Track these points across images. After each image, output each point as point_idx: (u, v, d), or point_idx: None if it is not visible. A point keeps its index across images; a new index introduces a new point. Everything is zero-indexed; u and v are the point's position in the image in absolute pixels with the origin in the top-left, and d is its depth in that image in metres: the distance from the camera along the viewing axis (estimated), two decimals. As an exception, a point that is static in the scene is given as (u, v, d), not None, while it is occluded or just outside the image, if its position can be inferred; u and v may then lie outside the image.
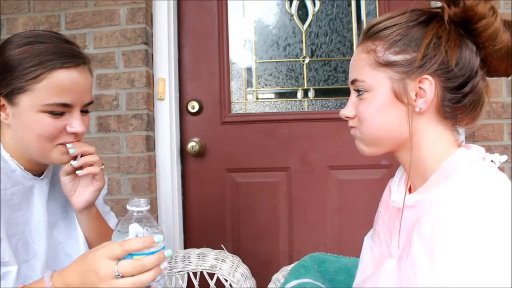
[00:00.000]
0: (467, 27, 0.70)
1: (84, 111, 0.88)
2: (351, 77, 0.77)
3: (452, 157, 0.70)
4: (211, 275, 1.22)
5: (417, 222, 0.67)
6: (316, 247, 1.69)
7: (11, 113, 0.83)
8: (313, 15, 1.78)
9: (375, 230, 0.87)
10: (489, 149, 1.55)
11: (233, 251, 1.48)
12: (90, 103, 0.90)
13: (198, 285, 1.23)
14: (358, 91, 0.75)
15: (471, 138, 1.58)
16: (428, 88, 0.69)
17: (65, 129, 0.85)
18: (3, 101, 0.83)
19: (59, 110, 0.83)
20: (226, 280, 1.19)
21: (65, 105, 0.83)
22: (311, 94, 1.78)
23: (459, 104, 0.70)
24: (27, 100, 0.81)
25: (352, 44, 1.77)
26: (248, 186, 1.76)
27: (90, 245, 0.96)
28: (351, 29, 1.77)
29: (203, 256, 1.24)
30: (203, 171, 1.78)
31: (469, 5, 0.68)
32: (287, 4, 1.80)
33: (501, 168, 1.69)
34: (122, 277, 0.65)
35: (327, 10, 1.78)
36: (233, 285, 1.17)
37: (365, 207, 1.71)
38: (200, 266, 1.23)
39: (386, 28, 0.72)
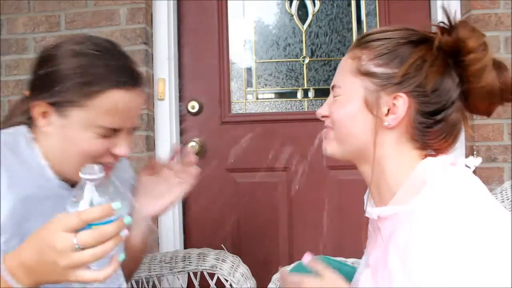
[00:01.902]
0: (456, 57, 0.70)
1: (131, 131, 0.84)
2: (333, 81, 0.78)
3: (419, 168, 0.69)
4: (211, 275, 1.22)
5: (389, 235, 0.67)
6: (316, 247, 1.69)
7: (56, 123, 0.78)
8: (313, 15, 1.78)
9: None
10: (489, 149, 1.56)
11: (233, 251, 1.48)
12: (138, 124, 0.86)
13: (198, 285, 1.23)
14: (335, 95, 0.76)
15: (471, 138, 1.58)
16: (401, 105, 0.69)
17: (110, 150, 0.81)
18: (49, 109, 0.78)
19: (110, 133, 0.79)
20: (227, 280, 1.19)
21: (116, 129, 0.79)
22: (311, 94, 1.78)
23: (429, 129, 0.70)
24: (80, 116, 0.76)
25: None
26: (248, 186, 1.76)
27: None
28: (351, 29, 1.77)
29: (203, 256, 1.24)
30: (203, 171, 1.77)
31: (461, 37, 0.68)
32: (287, 4, 1.80)
33: (501, 169, 1.69)
34: (82, 249, 0.61)
35: (327, 10, 1.78)
36: (233, 285, 1.17)
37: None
38: (200, 266, 1.23)
39: (377, 40, 0.73)
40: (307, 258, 0.80)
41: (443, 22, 0.72)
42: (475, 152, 1.56)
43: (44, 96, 0.77)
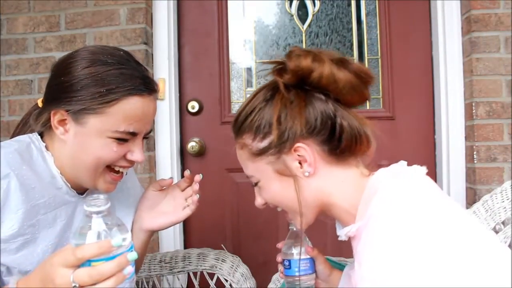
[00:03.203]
0: (304, 85, 0.72)
1: (145, 137, 0.87)
2: (245, 172, 0.81)
3: (371, 181, 0.72)
4: (211, 275, 1.22)
5: (356, 249, 0.69)
6: (316, 247, 1.68)
7: (72, 130, 0.80)
8: (313, 15, 1.78)
9: None
10: (489, 149, 1.56)
11: (233, 251, 1.48)
12: (151, 130, 0.88)
13: (198, 285, 1.23)
14: (254, 184, 0.79)
15: (471, 138, 1.58)
16: (304, 153, 0.71)
17: (125, 155, 0.83)
18: (67, 117, 0.80)
19: (126, 138, 0.81)
20: (226, 280, 1.19)
21: (132, 133, 0.81)
22: (311, 94, 1.78)
23: (340, 148, 0.72)
24: (97, 123, 0.78)
25: (352, 44, 1.77)
26: (248, 186, 1.74)
27: None
28: (351, 29, 1.77)
29: (203, 256, 1.24)
30: (203, 171, 1.77)
31: (294, 67, 0.71)
32: (287, 4, 1.80)
33: (501, 169, 1.69)
34: (80, 287, 0.59)
35: (327, 10, 1.78)
36: (233, 285, 1.17)
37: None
38: (200, 266, 1.23)
39: (246, 118, 0.76)
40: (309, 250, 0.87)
41: (274, 67, 0.74)
42: (475, 152, 1.56)
43: (62, 105, 0.79)
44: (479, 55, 1.55)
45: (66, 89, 0.79)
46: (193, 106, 1.76)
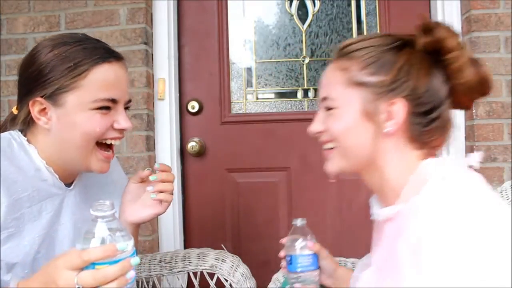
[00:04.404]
0: (437, 57, 0.72)
1: (126, 108, 0.88)
2: (322, 93, 0.78)
3: (420, 168, 0.71)
4: (211, 275, 1.22)
5: (395, 233, 0.68)
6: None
7: (54, 115, 0.81)
8: (313, 15, 1.79)
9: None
10: (489, 149, 1.56)
11: (233, 251, 1.48)
12: (130, 100, 0.90)
13: (198, 285, 1.23)
14: (328, 108, 0.76)
15: (471, 138, 1.58)
16: (398, 110, 0.71)
17: (112, 126, 0.84)
18: (45, 104, 0.81)
19: (107, 105, 0.82)
20: (226, 280, 1.19)
21: (113, 100, 0.83)
22: (311, 94, 1.78)
23: (426, 128, 0.72)
24: (75, 99, 0.80)
25: (352, 44, 1.77)
26: (248, 186, 1.76)
27: None
28: (351, 29, 1.77)
29: (203, 256, 1.24)
30: (203, 171, 1.78)
31: (439, 37, 0.71)
32: (287, 4, 1.80)
33: (501, 168, 1.69)
34: None
35: (327, 10, 1.78)
36: (233, 285, 1.17)
37: (365, 207, 1.70)
38: (200, 266, 1.23)
39: (361, 49, 0.74)
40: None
41: (420, 24, 0.74)
42: (475, 152, 1.56)
43: (37, 92, 0.81)
44: (479, 55, 1.54)
45: (36, 77, 0.81)
46: (193, 106, 1.76)
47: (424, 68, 0.72)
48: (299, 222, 0.91)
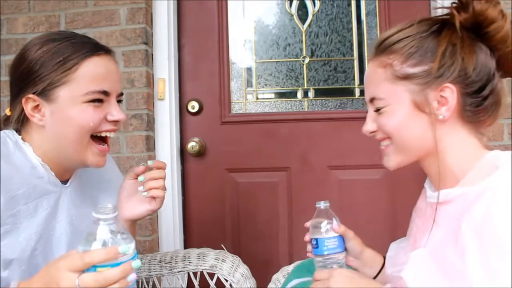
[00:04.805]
0: (478, 31, 0.71)
1: (118, 101, 0.89)
2: (369, 94, 0.77)
3: (489, 156, 0.70)
4: (211, 275, 1.22)
5: (458, 214, 0.67)
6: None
7: (48, 111, 0.82)
8: (313, 15, 1.78)
9: (408, 235, 0.87)
10: (489, 149, 1.56)
11: (233, 251, 1.48)
12: (122, 93, 0.90)
13: (198, 285, 1.23)
14: (377, 108, 0.75)
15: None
16: (450, 95, 0.70)
17: (105, 118, 0.85)
18: (38, 100, 0.82)
19: (99, 98, 0.83)
20: (226, 280, 1.19)
21: (105, 92, 0.83)
22: (311, 94, 1.78)
23: (480, 107, 0.71)
24: (67, 93, 0.81)
25: (352, 44, 1.77)
26: (248, 186, 1.76)
27: None
28: (351, 29, 1.77)
29: (203, 256, 1.24)
30: (203, 171, 1.78)
31: (479, 10, 0.69)
32: (287, 4, 1.80)
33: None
34: None
35: (327, 10, 1.78)
36: (233, 285, 1.17)
37: (365, 207, 1.71)
38: (200, 266, 1.23)
39: (399, 41, 0.73)
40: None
41: (456, 2, 0.72)
42: None
43: (29, 89, 0.82)
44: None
45: (27, 74, 0.82)
46: (193, 106, 1.76)
47: (468, 46, 0.70)
48: (322, 204, 0.90)
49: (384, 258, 0.90)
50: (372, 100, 0.77)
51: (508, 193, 0.61)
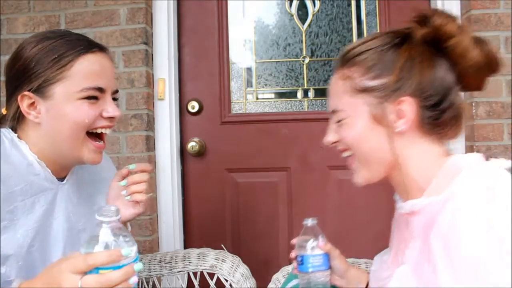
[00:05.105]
0: (438, 46, 0.71)
1: (113, 99, 0.89)
2: (330, 106, 0.79)
3: (450, 162, 0.71)
4: (211, 275, 1.22)
5: (428, 226, 0.67)
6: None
7: (43, 108, 0.83)
8: (313, 15, 1.78)
9: (390, 247, 0.88)
10: (489, 149, 1.56)
11: (233, 251, 1.48)
12: (117, 90, 0.91)
13: (198, 285, 1.23)
14: (338, 120, 0.77)
15: (471, 138, 1.58)
16: (407, 108, 0.70)
17: (101, 115, 0.86)
18: (34, 98, 0.82)
19: (94, 94, 0.83)
20: (226, 280, 1.19)
21: (99, 89, 0.84)
22: (311, 94, 1.78)
23: (439, 120, 0.72)
24: (62, 90, 0.82)
25: (352, 44, 1.77)
26: (248, 186, 1.76)
27: None
28: (351, 29, 1.77)
29: (203, 256, 1.24)
30: (203, 171, 1.78)
31: (438, 25, 0.70)
32: (287, 4, 1.80)
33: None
34: None
35: (327, 10, 1.78)
36: (233, 285, 1.17)
37: (365, 207, 1.71)
38: (200, 266, 1.23)
39: (361, 53, 0.74)
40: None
41: (416, 16, 0.73)
42: (475, 152, 1.56)
43: (24, 86, 0.82)
44: (479, 55, 1.54)
45: (23, 72, 0.82)
46: (193, 106, 1.76)
47: (426, 61, 0.71)
48: (309, 222, 0.91)
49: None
50: (333, 112, 0.78)
51: (472, 196, 0.62)
